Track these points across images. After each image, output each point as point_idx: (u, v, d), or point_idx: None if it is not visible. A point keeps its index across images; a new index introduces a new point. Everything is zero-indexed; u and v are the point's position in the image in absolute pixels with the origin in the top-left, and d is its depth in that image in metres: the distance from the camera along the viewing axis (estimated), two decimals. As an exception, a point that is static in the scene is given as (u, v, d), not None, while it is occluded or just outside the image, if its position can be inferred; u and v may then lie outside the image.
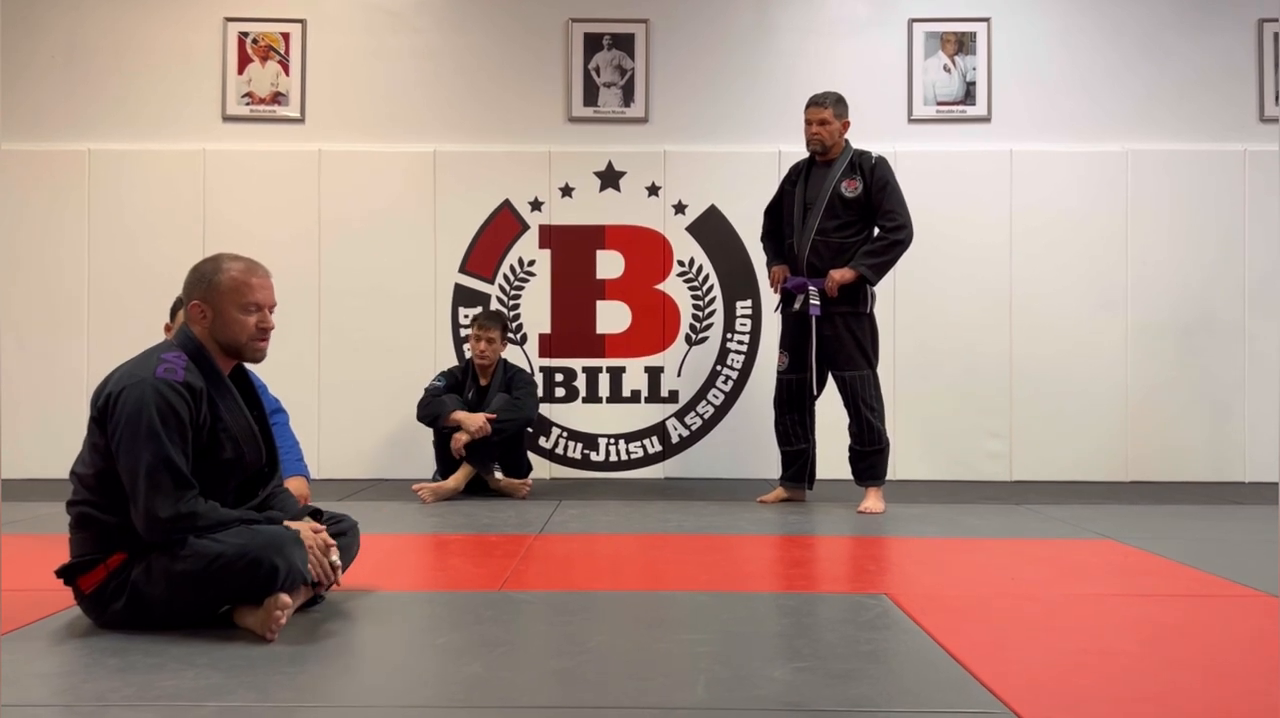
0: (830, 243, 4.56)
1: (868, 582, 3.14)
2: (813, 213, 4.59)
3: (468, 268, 5.77)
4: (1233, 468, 5.67)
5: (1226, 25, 5.82)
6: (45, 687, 2.07)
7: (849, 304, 4.53)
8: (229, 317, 2.53)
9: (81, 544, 2.47)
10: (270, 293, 2.59)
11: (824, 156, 4.65)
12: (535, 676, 2.16)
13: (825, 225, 4.56)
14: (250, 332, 2.54)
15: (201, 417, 2.44)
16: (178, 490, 2.35)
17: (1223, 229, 5.72)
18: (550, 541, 3.79)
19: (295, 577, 2.42)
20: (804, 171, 4.73)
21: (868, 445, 4.55)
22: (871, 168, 4.56)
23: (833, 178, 4.58)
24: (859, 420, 4.54)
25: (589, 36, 5.84)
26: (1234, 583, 3.06)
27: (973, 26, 5.83)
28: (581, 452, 5.78)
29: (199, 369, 2.48)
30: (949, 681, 2.11)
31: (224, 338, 2.54)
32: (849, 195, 4.55)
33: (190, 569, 2.36)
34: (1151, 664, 2.27)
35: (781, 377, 4.74)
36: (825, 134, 4.59)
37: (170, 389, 2.39)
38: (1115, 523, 4.21)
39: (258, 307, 2.55)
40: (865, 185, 4.54)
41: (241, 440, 2.52)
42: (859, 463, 4.59)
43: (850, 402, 4.57)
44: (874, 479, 4.56)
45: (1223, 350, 5.70)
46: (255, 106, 5.83)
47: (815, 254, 4.57)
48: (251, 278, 2.56)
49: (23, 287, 5.66)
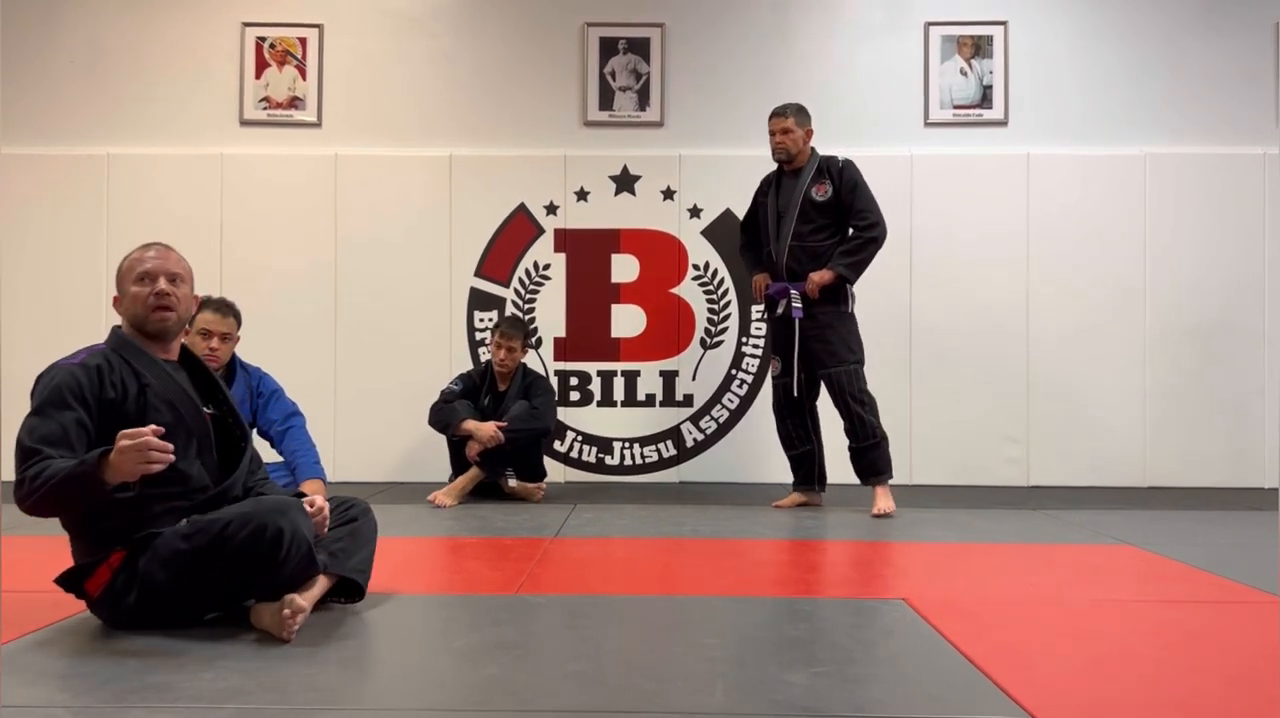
0: (806, 247, 4.66)
1: (884, 587, 3.12)
2: (786, 220, 4.71)
3: (483, 271, 5.78)
4: (1252, 473, 5.63)
5: (1244, 28, 5.79)
6: (65, 689, 2.08)
7: (831, 304, 4.63)
8: (129, 294, 2.60)
9: (80, 550, 2.49)
10: (163, 263, 2.61)
11: (791, 165, 4.77)
12: (552, 679, 2.16)
13: (800, 230, 4.67)
14: (144, 301, 2.57)
15: (111, 386, 2.47)
16: (19, 464, 2.39)
17: (1241, 232, 5.69)
18: (565, 544, 3.79)
19: (300, 542, 2.42)
20: (774, 182, 4.85)
21: (862, 441, 4.58)
22: (839, 170, 4.66)
23: (802, 184, 4.69)
24: (850, 417, 4.59)
25: (604, 40, 5.85)
26: (1254, 589, 3.04)
27: (989, 30, 5.82)
28: (596, 455, 5.78)
29: (121, 353, 2.54)
30: (967, 686, 2.10)
31: (130, 317, 2.60)
32: (820, 200, 4.66)
33: (197, 545, 2.38)
34: (1171, 670, 2.26)
35: (776, 381, 4.83)
36: (789, 142, 4.70)
37: (63, 373, 2.47)
38: (1134, 528, 4.18)
39: (150, 277, 2.59)
40: (835, 188, 4.64)
41: (176, 403, 2.54)
42: (858, 461, 4.62)
43: (839, 399, 4.61)
44: (876, 476, 4.59)
45: (1242, 354, 5.66)
46: (272, 111, 5.85)
47: (793, 259, 4.67)
48: (144, 253, 2.63)
49: (40, 289, 5.70)
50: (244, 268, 5.67)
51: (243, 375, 4.19)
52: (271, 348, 4.95)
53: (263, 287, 5.55)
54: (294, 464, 4.17)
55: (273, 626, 2.38)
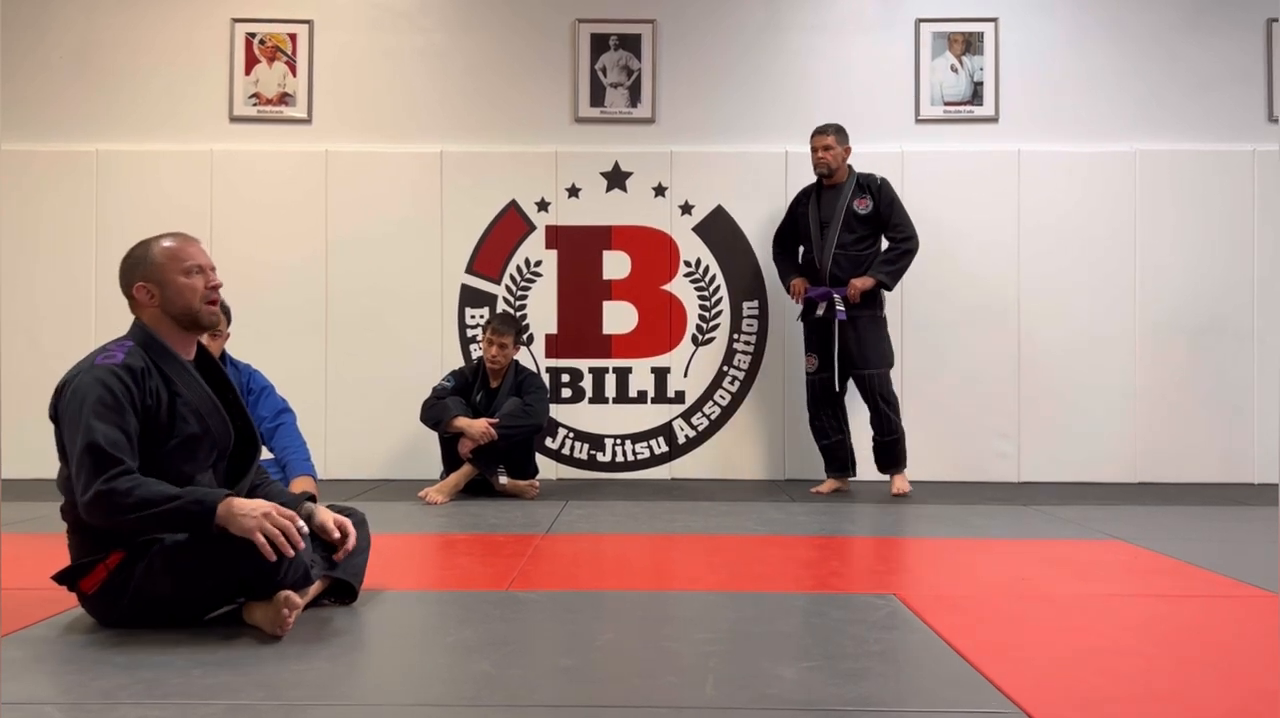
0: (849, 255, 5.12)
1: (876, 582, 3.13)
2: (831, 230, 5.13)
3: (474, 268, 5.77)
4: (1242, 469, 5.65)
5: (1234, 25, 5.81)
6: (53, 685, 2.08)
7: (868, 308, 5.09)
8: (176, 284, 2.53)
9: (79, 548, 2.47)
10: (205, 255, 2.61)
11: (830, 180, 5.17)
12: (543, 674, 2.16)
13: (844, 240, 5.12)
14: (201, 293, 2.55)
15: (149, 393, 2.42)
16: (99, 470, 2.29)
17: (1231, 229, 5.70)
18: (557, 540, 3.79)
19: (299, 563, 2.41)
20: (812, 194, 5.23)
21: (886, 435, 5.12)
22: (879, 188, 5.16)
23: (845, 198, 5.13)
24: (878, 414, 5.11)
25: (596, 37, 5.84)
26: (1243, 583, 3.05)
27: (980, 27, 5.83)
28: (588, 452, 5.78)
29: (149, 354, 2.48)
30: (959, 680, 2.11)
31: (176, 308, 2.53)
32: (862, 213, 5.13)
33: (197, 556, 2.37)
34: (1162, 664, 2.26)
35: (812, 377, 5.24)
36: (830, 158, 5.11)
37: (107, 373, 2.39)
38: (1124, 524, 4.19)
39: (200, 268, 2.57)
40: (874, 203, 5.12)
41: (204, 414, 2.51)
42: (882, 453, 5.16)
43: (870, 398, 5.12)
44: (895, 466, 5.14)
45: (1232, 351, 5.68)
46: (262, 107, 5.84)
47: (837, 266, 5.11)
48: (187, 245, 2.59)
49: (32, 287, 5.67)
50: (235, 264, 5.60)
51: (232, 372, 4.17)
52: (262, 344, 4.94)
53: (253, 283, 5.52)
54: (285, 462, 4.15)
55: (266, 622, 2.37)
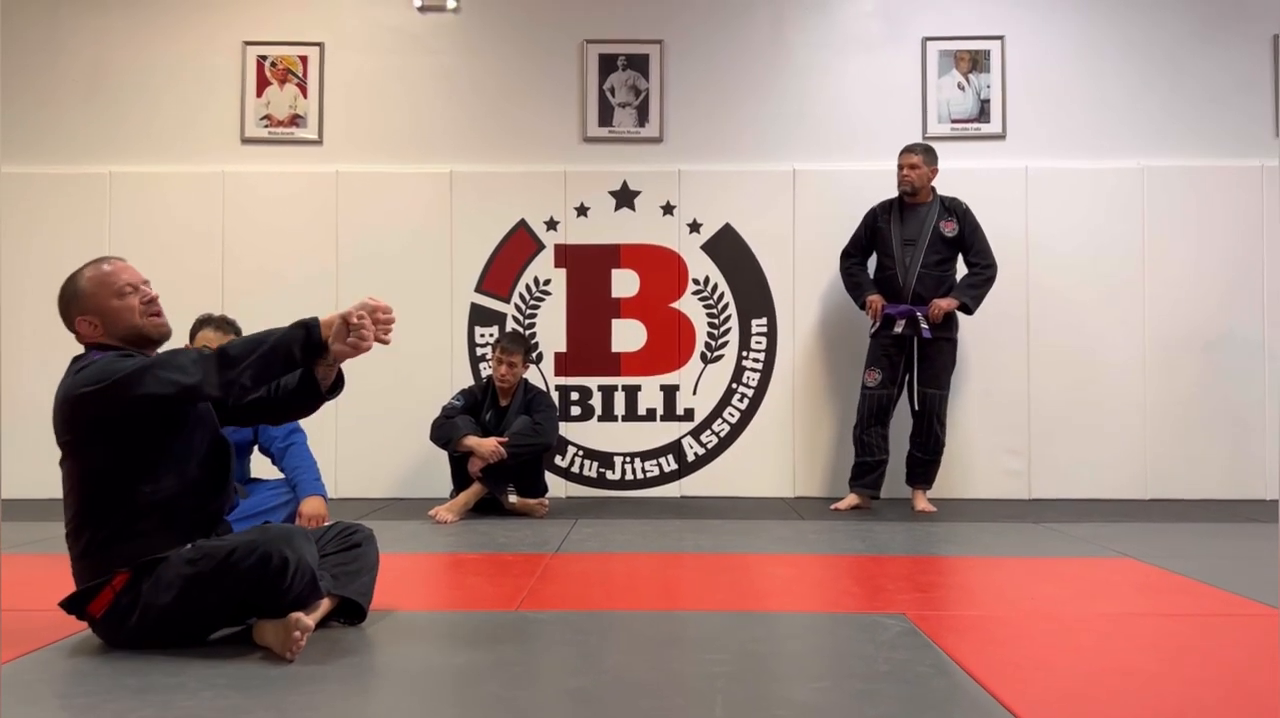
0: (933, 275, 5.20)
1: (886, 601, 3.12)
2: (915, 249, 5.20)
3: (484, 287, 5.79)
4: (1253, 485, 5.61)
5: (1242, 41, 5.81)
6: (65, 708, 2.08)
7: (946, 330, 5.18)
8: (113, 309, 2.55)
9: (84, 573, 2.47)
10: (133, 272, 2.61)
11: (913, 198, 5.24)
12: (552, 696, 2.16)
13: (929, 260, 5.20)
14: (138, 309, 2.56)
15: None
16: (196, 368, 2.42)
17: (1240, 245, 5.69)
18: (566, 560, 3.79)
19: (305, 570, 2.41)
20: (893, 211, 5.29)
21: (930, 454, 5.21)
22: (964, 212, 5.23)
23: (930, 219, 5.21)
24: (929, 433, 5.18)
25: (604, 57, 5.87)
26: (1255, 602, 3.03)
27: (986, 44, 5.84)
28: (597, 470, 5.78)
29: None
30: (968, 701, 2.10)
31: (121, 331, 2.55)
32: (948, 235, 5.22)
33: (202, 571, 2.38)
34: (1172, 684, 2.25)
35: (871, 392, 5.24)
36: (915, 177, 5.19)
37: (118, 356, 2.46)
38: (1135, 541, 4.17)
39: (132, 286, 2.57)
40: (960, 227, 5.20)
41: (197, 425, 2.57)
42: (917, 468, 5.23)
43: (925, 415, 5.18)
44: (926, 483, 5.22)
45: (1242, 366, 5.66)
46: (274, 129, 5.88)
47: (921, 284, 5.18)
48: (106, 266, 2.59)
49: (43, 308, 5.69)
50: (246, 285, 5.68)
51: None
52: (273, 365, 4.95)
53: (264, 304, 5.53)
54: (295, 481, 4.15)
55: (276, 644, 2.37)
